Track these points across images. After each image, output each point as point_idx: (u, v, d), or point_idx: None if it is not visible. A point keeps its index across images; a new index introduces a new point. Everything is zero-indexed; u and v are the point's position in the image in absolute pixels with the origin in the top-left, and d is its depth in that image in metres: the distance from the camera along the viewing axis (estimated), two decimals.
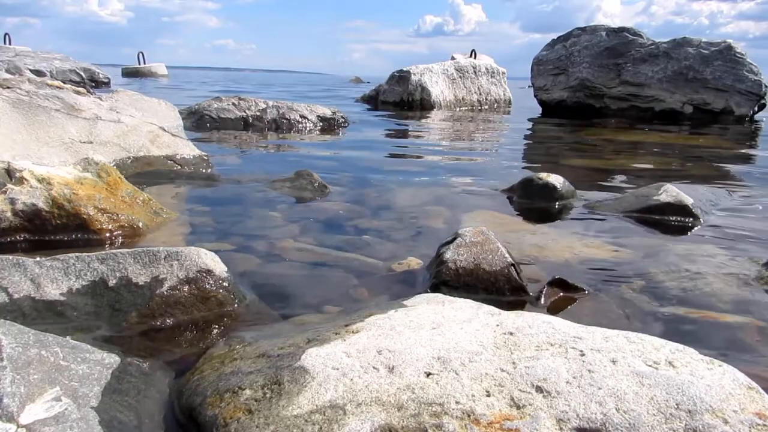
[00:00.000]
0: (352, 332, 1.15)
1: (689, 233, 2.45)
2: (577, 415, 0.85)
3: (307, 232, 2.25)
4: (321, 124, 6.53)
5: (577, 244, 2.22)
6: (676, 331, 1.48)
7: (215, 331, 1.38)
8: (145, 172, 3.16)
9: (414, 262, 1.92)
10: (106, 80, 13.81)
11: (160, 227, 2.19)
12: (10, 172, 2.44)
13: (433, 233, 2.28)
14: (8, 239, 1.89)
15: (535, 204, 2.88)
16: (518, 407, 0.87)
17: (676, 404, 0.86)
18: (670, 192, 2.68)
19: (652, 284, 1.81)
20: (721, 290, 1.76)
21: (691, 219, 2.57)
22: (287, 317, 1.47)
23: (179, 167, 3.42)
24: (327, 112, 6.73)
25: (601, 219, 2.64)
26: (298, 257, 1.94)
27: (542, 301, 1.62)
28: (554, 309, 1.59)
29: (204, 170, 3.47)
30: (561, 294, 1.68)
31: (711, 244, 2.25)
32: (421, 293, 1.54)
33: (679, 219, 2.57)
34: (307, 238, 2.16)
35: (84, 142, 3.08)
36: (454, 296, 1.45)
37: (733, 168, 4.61)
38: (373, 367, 0.99)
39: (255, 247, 2.01)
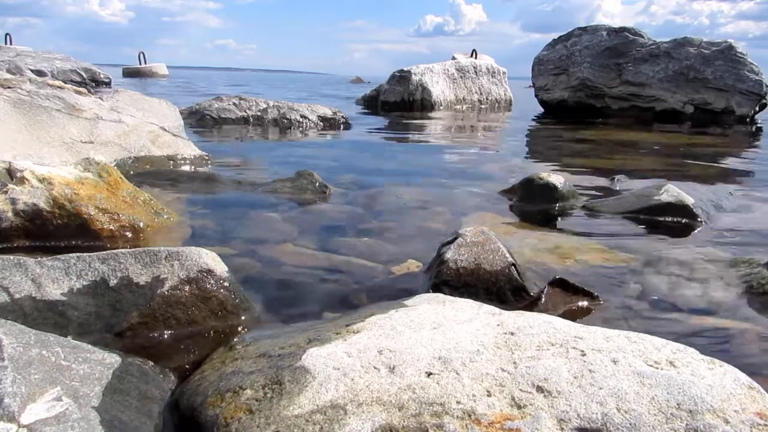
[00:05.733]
0: (353, 332, 1.15)
1: (690, 234, 2.45)
2: (578, 415, 0.85)
3: (307, 234, 2.25)
4: (322, 124, 6.53)
5: (578, 244, 2.22)
6: (675, 332, 1.48)
7: (216, 331, 1.38)
8: (145, 172, 3.17)
9: (414, 264, 1.91)
10: (107, 80, 13.82)
11: (161, 228, 2.19)
12: (11, 172, 2.45)
13: (434, 235, 2.28)
14: (9, 239, 1.89)
15: (535, 204, 2.88)
16: (519, 407, 0.87)
17: (677, 404, 0.85)
18: (671, 192, 2.68)
19: (652, 285, 1.80)
20: (721, 292, 1.76)
21: (691, 219, 2.56)
22: (287, 322, 1.47)
23: (180, 167, 3.42)
24: (328, 112, 6.74)
25: (601, 219, 2.64)
26: (298, 261, 1.94)
27: (543, 301, 1.61)
28: (555, 309, 1.59)
29: (205, 170, 3.47)
30: (562, 294, 1.67)
31: (711, 244, 2.25)
32: (421, 294, 1.54)
33: (679, 219, 2.57)
34: (307, 240, 2.16)
35: (85, 142, 3.08)
36: (455, 296, 1.45)
37: (734, 168, 4.61)
38: (374, 367, 0.99)
39: (255, 250, 2.01)
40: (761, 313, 1.61)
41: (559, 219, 2.70)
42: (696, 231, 2.47)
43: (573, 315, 1.56)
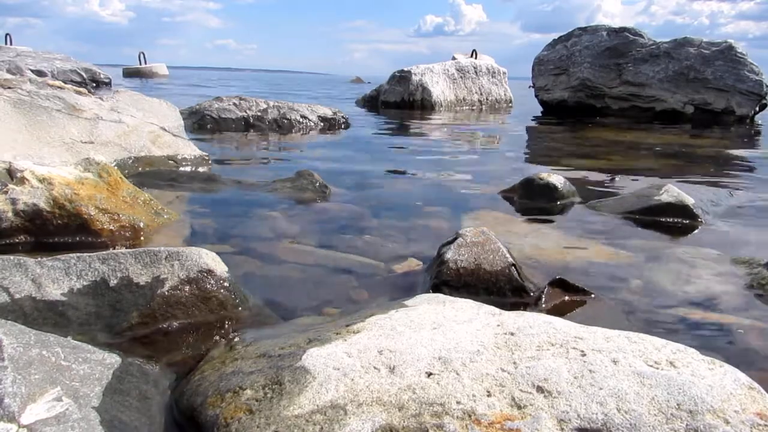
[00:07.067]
0: (353, 332, 1.15)
1: (690, 234, 2.45)
2: (578, 416, 0.85)
3: (307, 233, 2.25)
4: (322, 124, 6.53)
5: (578, 244, 2.22)
6: (676, 332, 1.48)
7: (216, 331, 1.38)
8: (146, 173, 3.17)
9: (414, 263, 1.91)
10: (107, 80, 13.81)
11: (161, 228, 2.19)
12: (11, 172, 2.45)
13: (434, 234, 2.28)
14: (9, 239, 1.89)
15: (535, 204, 2.88)
16: (519, 407, 0.87)
17: (677, 404, 0.85)
18: (671, 192, 2.68)
19: (653, 285, 1.80)
20: (721, 291, 1.76)
21: (691, 219, 2.56)
22: (287, 319, 1.47)
23: (180, 167, 3.42)
24: (328, 112, 6.74)
25: (601, 219, 2.64)
26: (299, 259, 1.94)
27: (543, 301, 1.62)
28: (555, 309, 1.59)
29: (205, 170, 3.47)
30: (562, 294, 1.67)
31: (712, 244, 2.25)
32: (421, 293, 1.54)
33: (679, 219, 2.57)
34: (307, 239, 2.16)
35: (85, 142, 3.08)
36: (455, 296, 1.45)
37: (734, 168, 4.61)
38: (374, 367, 0.99)
39: (256, 249, 2.01)
40: (761, 312, 1.61)
41: (560, 219, 2.70)
42: (696, 231, 2.47)
43: (573, 315, 1.56)
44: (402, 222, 2.47)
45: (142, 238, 2.06)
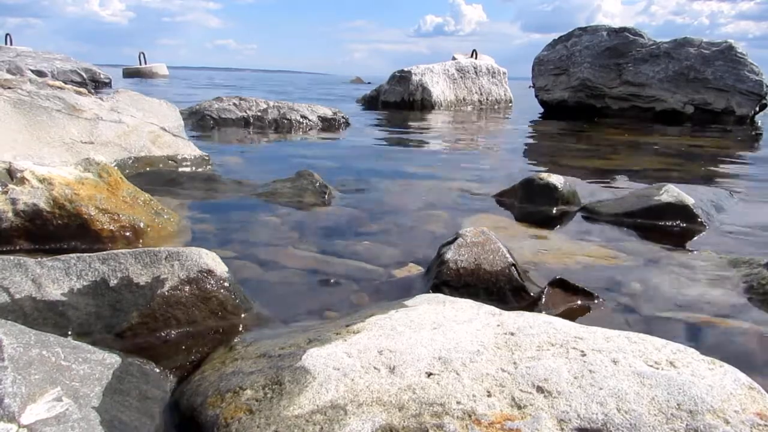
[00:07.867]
0: (353, 332, 1.15)
1: (690, 234, 2.44)
2: (578, 416, 0.85)
3: (307, 236, 2.24)
4: (322, 124, 6.53)
5: (578, 244, 2.21)
6: (675, 332, 1.48)
7: (216, 331, 1.38)
8: (146, 173, 3.17)
9: (414, 268, 1.91)
10: (107, 80, 13.83)
11: (161, 228, 2.19)
12: (11, 172, 2.45)
13: (434, 237, 2.28)
14: (9, 239, 1.89)
15: (535, 205, 2.88)
16: (519, 407, 0.87)
17: (678, 404, 0.85)
18: (671, 192, 2.68)
19: (653, 286, 1.80)
20: (721, 292, 1.76)
21: (691, 219, 2.56)
22: (287, 322, 1.47)
23: (180, 168, 3.42)
24: (328, 112, 6.74)
25: (601, 219, 2.64)
26: (298, 263, 1.93)
27: (543, 301, 1.61)
28: (555, 309, 1.59)
29: (205, 171, 3.47)
30: (562, 294, 1.67)
31: (711, 245, 2.25)
32: (421, 293, 1.54)
33: (679, 219, 2.57)
34: (307, 243, 2.16)
35: (85, 143, 3.08)
36: (455, 296, 1.45)
37: (734, 168, 4.61)
38: (374, 367, 0.99)
39: (255, 253, 2.00)
40: (761, 313, 1.61)
41: (560, 219, 2.70)
42: (696, 231, 2.47)
43: (573, 315, 1.56)
44: (401, 225, 2.47)
45: (142, 238, 2.06)
